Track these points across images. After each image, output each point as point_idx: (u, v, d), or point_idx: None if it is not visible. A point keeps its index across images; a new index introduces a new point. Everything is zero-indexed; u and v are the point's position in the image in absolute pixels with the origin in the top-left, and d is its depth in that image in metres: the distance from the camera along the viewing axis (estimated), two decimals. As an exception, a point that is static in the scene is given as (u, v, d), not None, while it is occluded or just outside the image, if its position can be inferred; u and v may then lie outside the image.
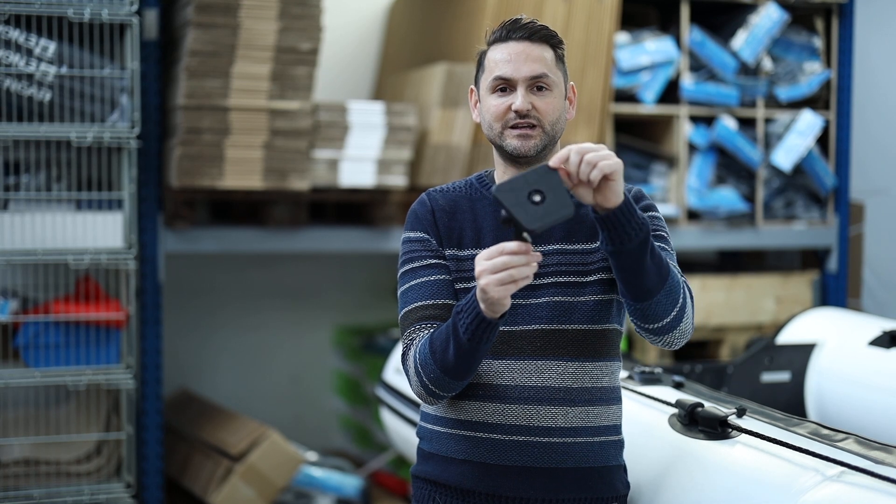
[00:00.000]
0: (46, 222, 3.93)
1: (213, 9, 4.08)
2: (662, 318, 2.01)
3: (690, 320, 2.07)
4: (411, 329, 2.12)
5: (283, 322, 5.53)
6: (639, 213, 1.93)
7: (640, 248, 1.93)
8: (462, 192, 2.22)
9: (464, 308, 1.96)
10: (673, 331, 2.04)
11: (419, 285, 2.13)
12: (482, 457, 2.13)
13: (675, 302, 2.01)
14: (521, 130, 2.11)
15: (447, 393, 2.07)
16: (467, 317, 1.95)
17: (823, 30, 5.29)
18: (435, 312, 2.11)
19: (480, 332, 1.94)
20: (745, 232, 5.10)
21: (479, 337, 1.95)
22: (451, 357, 1.99)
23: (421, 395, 2.10)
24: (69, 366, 3.96)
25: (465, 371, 2.02)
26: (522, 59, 2.11)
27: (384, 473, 5.05)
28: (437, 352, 2.01)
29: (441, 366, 2.01)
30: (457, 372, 2.01)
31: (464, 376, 2.03)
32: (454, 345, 1.97)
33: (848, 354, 3.68)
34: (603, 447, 2.16)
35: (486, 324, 1.94)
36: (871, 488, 2.00)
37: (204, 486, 4.38)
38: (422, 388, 2.08)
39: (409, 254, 2.18)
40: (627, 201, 1.91)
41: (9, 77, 3.85)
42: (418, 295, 2.13)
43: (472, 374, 2.04)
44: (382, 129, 4.40)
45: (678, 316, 2.02)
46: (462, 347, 1.97)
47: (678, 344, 2.08)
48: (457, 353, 1.98)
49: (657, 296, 1.98)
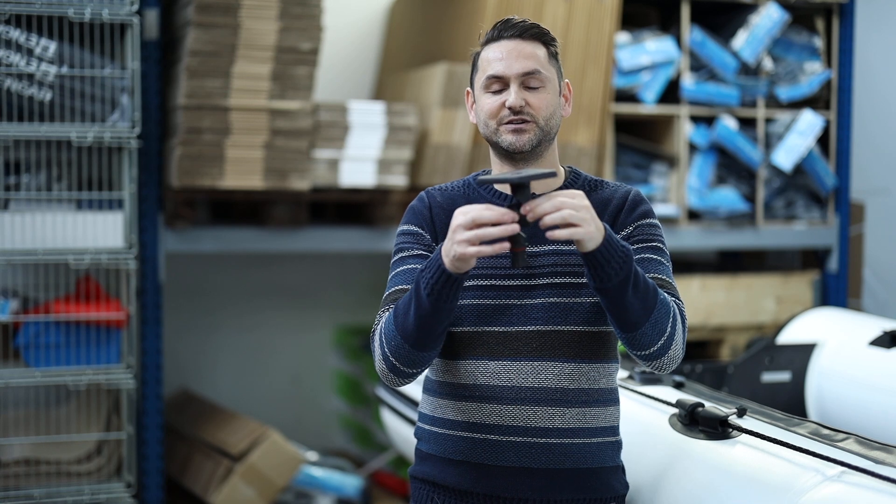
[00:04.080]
0: (47, 222, 3.93)
1: (213, 9, 4.08)
2: (649, 347, 2.03)
3: (680, 347, 2.08)
4: (383, 309, 2.12)
5: (282, 322, 5.53)
6: (620, 251, 1.93)
7: (621, 286, 1.94)
8: (459, 192, 2.23)
9: (428, 265, 1.96)
10: (661, 358, 2.06)
11: (403, 272, 2.15)
12: (480, 458, 2.13)
13: (661, 332, 2.02)
14: (515, 126, 2.11)
15: (408, 368, 2.04)
16: (429, 273, 1.94)
17: (824, 30, 5.29)
18: None
19: (440, 288, 1.93)
20: (746, 232, 5.10)
21: (439, 293, 1.93)
22: (412, 319, 1.97)
23: (382, 371, 2.07)
24: (69, 366, 3.96)
25: (425, 337, 1.99)
26: (514, 57, 2.12)
27: (384, 473, 5.05)
28: (398, 316, 2.00)
29: (402, 331, 1.99)
30: (418, 338, 1.99)
31: (424, 344, 2.00)
32: (415, 305, 1.96)
33: (848, 354, 3.68)
34: (600, 448, 2.16)
35: (448, 278, 1.93)
36: (872, 488, 2.00)
37: (204, 485, 4.38)
38: (383, 363, 2.05)
39: (401, 244, 2.20)
40: (607, 243, 1.92)
41: (9, 77, 3.85)
42: (400, 280, 2.14)
43: (434, 345, 2.02)
44: (383, 128, 4.40)
45: (665, 345, 2.04)
46: (423, 307, 1.95)
47: (668, 369, 2.10)
48: (417, 314, 1.96)
49: (642, 328, 2.00)
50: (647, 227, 2.16)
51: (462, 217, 1.89)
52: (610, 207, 2.17)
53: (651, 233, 2.16)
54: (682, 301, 2.12)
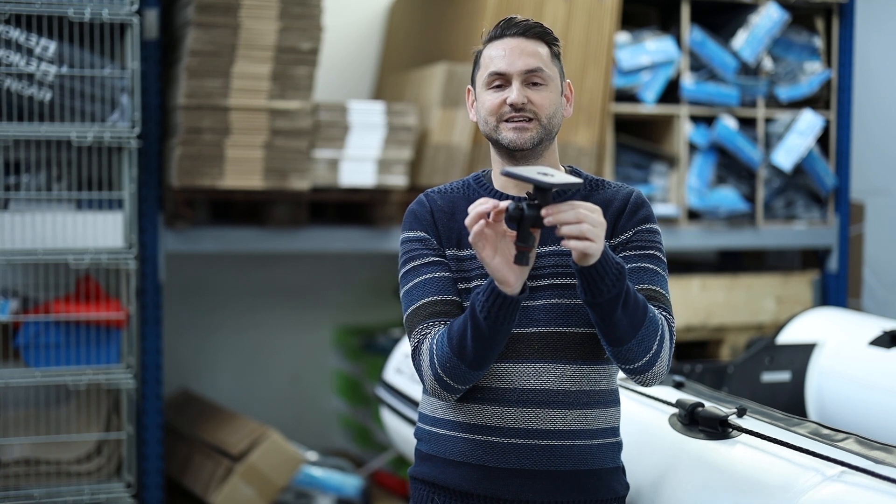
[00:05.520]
0: (47, 222, 3.93)
1: (213, 9, 4.08)
2: (633, 362, 2.04)
3: (665, 364, 2.09)
4: (422, 326, 2.10)
5: (282, 322, 5.53)
6: (615, 269, 1.94)
7: (612, 302, 1.95)
8: (460, 193, 2.22)
9: (482, 289, 1.97)
10: (645, 373, 2.07)
11: (423, 282, 2.12)
12: (481, 459, 2.12)
13: (646, 350, 2.03)
14: (516, 123, 2.11)
15: (462, 385, 2.06)
16: (484, 295, 1.95)
17: (824, 30, 5.29)
18: (443, 308, 2.10)
19: (497, 309, 1.94)
20: (746, 232, 5.10)
21: (496, 315, 1.94)
22: (469, 342, 1.98)
23: (435, 389, 2.08)
24: (69, 365, 3.96)
25: (482, 357, 2.00)
26: (517, 54, 2.11)
27: (384, 473, 5.05)
28: (454, 338, 2.00)
29: (459, 353, 2.00)
30: (475, 358, 2.00)
31: (481, 364, 2.02)
32: (472, 327, 1.97)
33: (848, 354, 3.68)
34: (601, 450, 2.15)
35: (504, 301, 1.93)
36: (872, 488, 2.00)
37: (204, 485, 4.38)
38: (436, 382, 2.06)
39: (410, 252, 2.17)
40: (604, 259, 1.92)
41: (9, 77, 3.85)
42: (424, 292, 2.12)
43: (489, 362, 2.03)
44: (383, 128, 4.40)
45: (650, 361, 2.05)
46: (480, 329, 1.96)
47: (651, 384, 2.11)
48: (475, 336, 1.97)
49: (628, 344, 2.01)
50: (647, 234, 2.16)
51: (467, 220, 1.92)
52: (611, 209, 2.16)
53: (650, 239, 2.16)
54: (673, 316, 2.13)
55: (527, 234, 1.88)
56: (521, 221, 1.87)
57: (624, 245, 2.14)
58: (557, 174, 1.92)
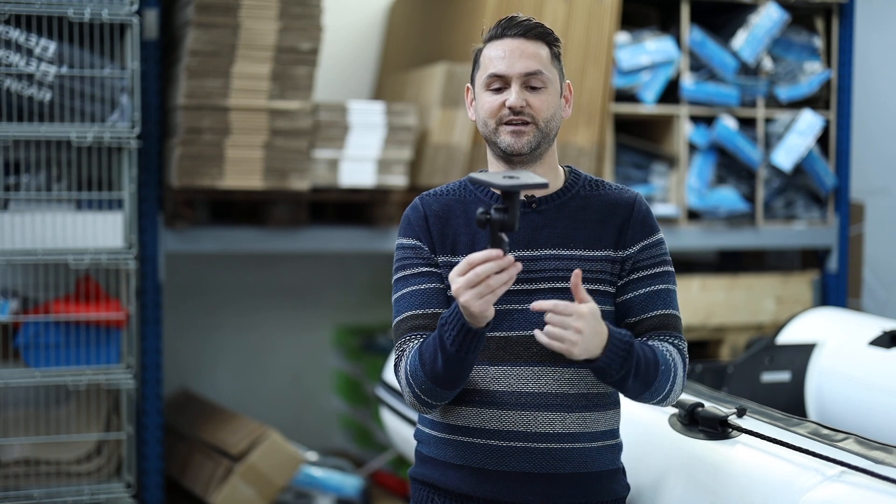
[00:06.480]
0: (46, 222, 3.93)
1: (213, 9, 4.08)
2: (648, 402, 2.13)
3: (678, 391, 2.14)
4: (402, 340, 2.12)
5: (282, 322, 5.53)
6: (620, 357, 1.97)
7: (622, 380, 2.02)
8: (455, 196, 2.20)
9: (448, 320, 1.96)
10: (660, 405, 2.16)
11: (410, 294, 2.13)
12: (480, 462, 2.12)
13: (660, 393, 2.10)
14: (514, 127, 2.10)
15: (439, 402, 2.08)
16: (452, 329, 1.94)
17: (823, 30, 5.29)
18: (425, 322, 2.11)
19: (467, 343, 1.95)
20: (746, 232, 5.10)
21: (467, 347, 1.95)
22: (440, 368, 1.99)
23: (414, 405, 2.11)
24: (69, 366, 3.96)
25: (454, 380, 2.02)
26: (517, 56, 2.11)
27: (384, 473, 5.05)
28: (426, 363, 2.01)
29: (431, 377, 2.01)
30: (447, 381, 2.01)
31: (454, 385, 2.03)
32: (442, 356, 1.98)
33: (848, 354, 3.68)
34: (601, 452, 2.15)
35: (472, 334, 1.94)
36: (871, 488, 2.00)
37: (204, 485, 4.38)
38: (414, 399, 2.08)
39: (402, 261, 2.17)
40: (609, 354, 1.96)
41: (9, 77, 3.85)
42: (409, 304, 2.13)
43: (463, 382, 2.05)
44: (382, 128, 4.40)
45: (663, 399, 2.13)
46: (450, 358, 1.97)
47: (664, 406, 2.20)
48: (445, 364, 1.98)
49: (641, 397, 2.10)
50: (654, 248, 2.16)
51: (462, 279, 1.88)
52: (614, 217, 2.15)
53: (656, 254, 2.16)
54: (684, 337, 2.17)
55: (498, 239, 1.87)
56: (490, 226, 1.86)
57: (633, 265, 2.14)
58: (524, 175, 1.90)
